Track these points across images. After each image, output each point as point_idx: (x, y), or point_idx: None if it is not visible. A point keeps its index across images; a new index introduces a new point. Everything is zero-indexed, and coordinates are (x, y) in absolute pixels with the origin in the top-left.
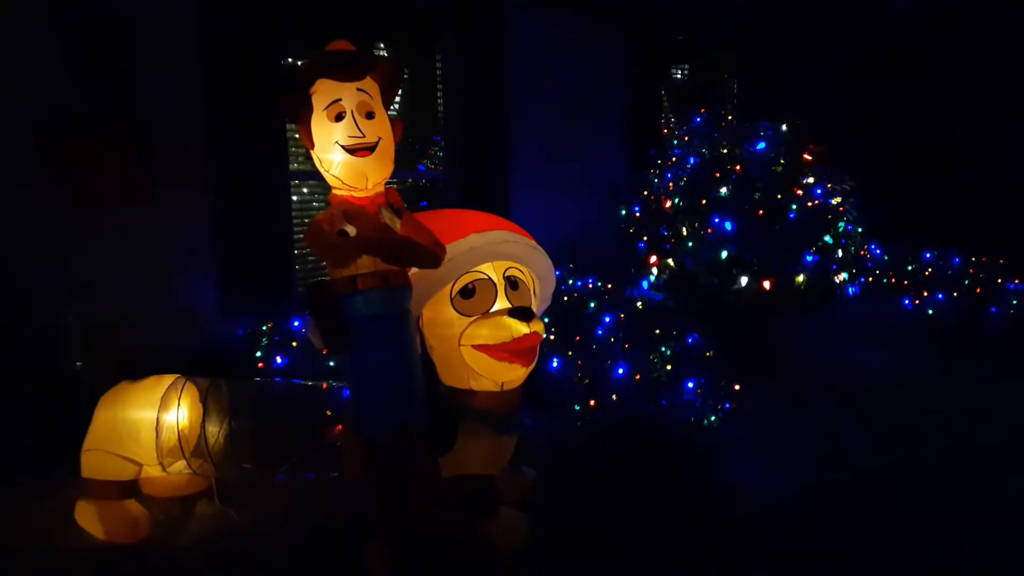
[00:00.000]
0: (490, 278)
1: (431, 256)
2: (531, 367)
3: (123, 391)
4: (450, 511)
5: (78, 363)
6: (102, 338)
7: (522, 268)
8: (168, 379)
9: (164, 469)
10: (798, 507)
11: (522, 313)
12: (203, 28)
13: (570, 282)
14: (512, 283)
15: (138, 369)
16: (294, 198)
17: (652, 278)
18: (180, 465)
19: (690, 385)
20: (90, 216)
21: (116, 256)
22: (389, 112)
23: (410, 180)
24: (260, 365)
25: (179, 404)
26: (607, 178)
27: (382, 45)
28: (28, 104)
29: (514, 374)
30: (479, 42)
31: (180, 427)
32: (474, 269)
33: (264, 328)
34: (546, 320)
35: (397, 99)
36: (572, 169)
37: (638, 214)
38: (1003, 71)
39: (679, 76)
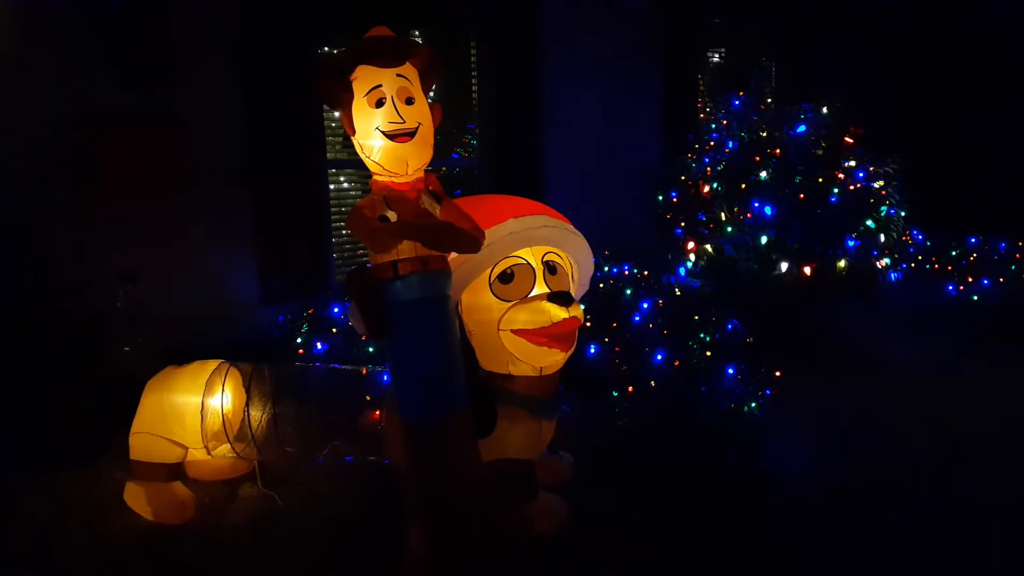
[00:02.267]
0: (528, 263)
1: (471, 241)
2: (570, 352)
3: (169, 376)
4: (489, 495)
5: (126, 348)
6: (148, 325)
7: (560, 253)
8: (212, 364)
9: (209, 452)
10: (840, 496)
11: (561, 298)
12: (240, 17)
13: (606, 269)
14: (551, 268)
15: (183, 355)
16: (331, 187)
17: (690, 264)
18: (224, 448)
19: (730, 371)
20: (131, 206)
21: (159, 245)
22: (428, 98)
23: (444, 168)
24: (300, 351)
25: (223, 389)
26: (643, 164)
27: (417, 33)
28: (70, 96)
29: (553, 359)
30: (513, 29)
31: (224, 411)
32: (513, 254)
33: (304, 314)
34: (583, 307)
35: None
36: (607, 154)
37: (675, 199)
38: None
39: (716, 60)
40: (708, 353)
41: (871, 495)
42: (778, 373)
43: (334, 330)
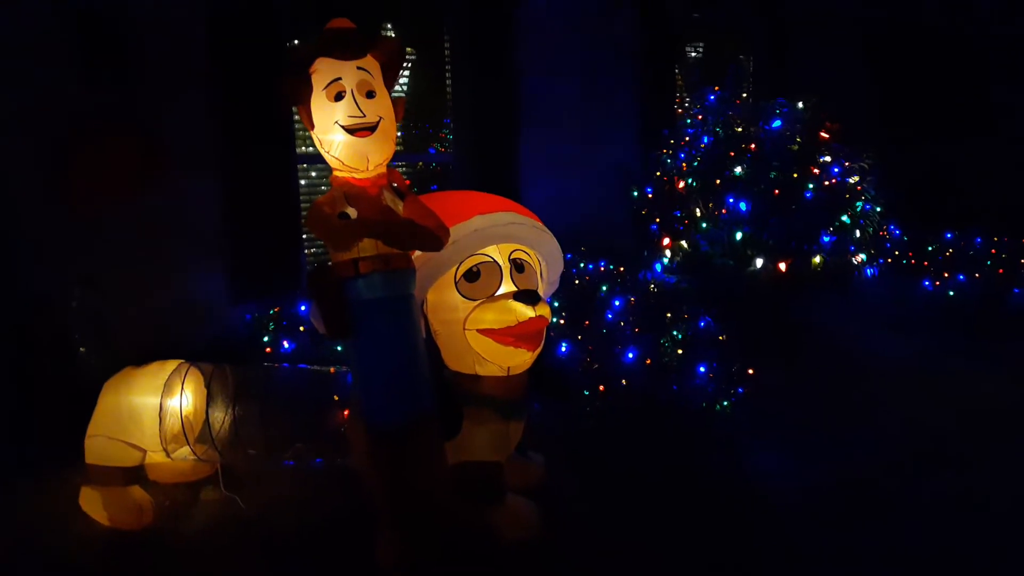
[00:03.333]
0: (495, 261)
1: (433, 239)
2: (537, 352)
3: (126, 377)
4: (456, 499)
5: (81, 349)
6: (110, 326)
7: (528, 251)
8: (172, 364)
9: (168, 455)
10: (812, 497)
11: (527, 296)
12: (207, 13)
13: (581, 265)
14: (518, 266)
15: (146, 357)
16: (302, 182)
17: (666, 260)
18: (184, 451)
19: (701, 370)
20: (97, 207)
21: (122, 245)
22: (394, 92)
23: (420, 163)
24: (268, 350)
25: (183, 389)
26: (620, 160)
27: (389, 25)
28: (28, 97)
29: (520, 359)
30: (488, 21)
31: (184, 413)
32: (479, 252)
33: (271, 313)
34: (555, 304)
35: (404, 80)
36: (584, 150)
37: (651, 195)
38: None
39: (695, 55)
40: (680, 351)
41: (846, 496)
42: (751, 371)
43: (301, 329)
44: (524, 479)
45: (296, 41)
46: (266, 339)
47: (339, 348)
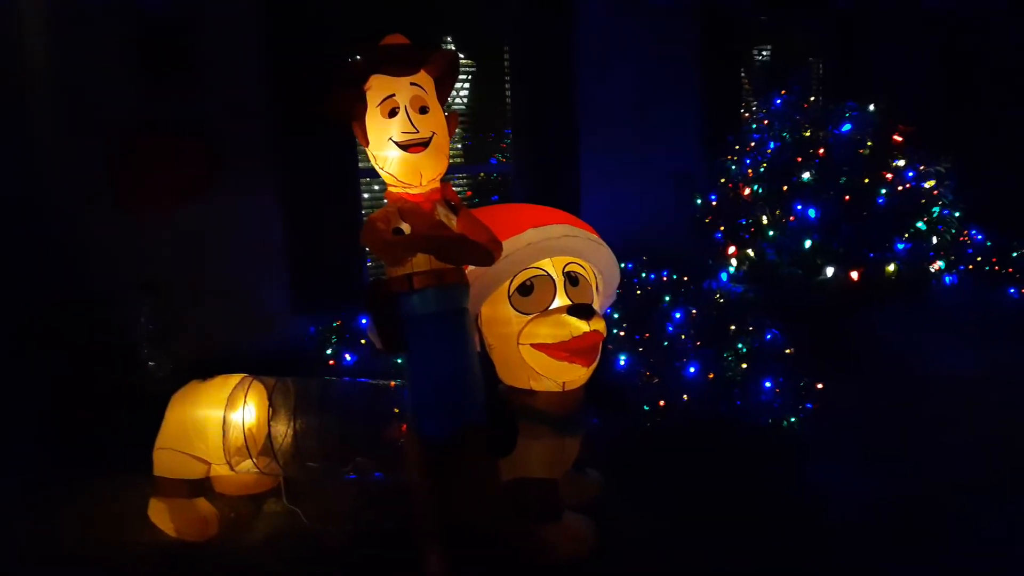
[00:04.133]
0: (549, 274)
1: (485, 253)
2: (592, 367)
3: (192, 390)
4: (511, 516)
5: (151, 363)
6: (174, 338)
7: (583, 263)
8: (235, 378)
9: (232, 468)
10: (884, 519)
11: (582, 310)
12: (267, 24)
13: (643, 275)
14: (572, 279)
15: (210, 368)
16: (364, 195)
17: (731, 269)
18: (247, 464)
19: (767, 384)
20: (159, 216)
21: (186, 255)
22: (450, 104)
23: (482, 174)
24: (331, 363)
25: (245, 403)
26: (682, 166)
27: (449, 39)
28: (96, 105)
29: (574, 374)
30: (547, 30)
31: (247, 426)
32: (532, 265)
33: (334, 325)
34: (615, 316)
35: (465, 92)
36: (645, 157)
37: (715, 203)
38: None
39: (761, 58)
40: (744, 365)
41: (917, 520)
42: (819, 386)
43: (363, 342)
44: (580, 496)
45: (357, 55)
46: (329, 352)
47: (400, 361)
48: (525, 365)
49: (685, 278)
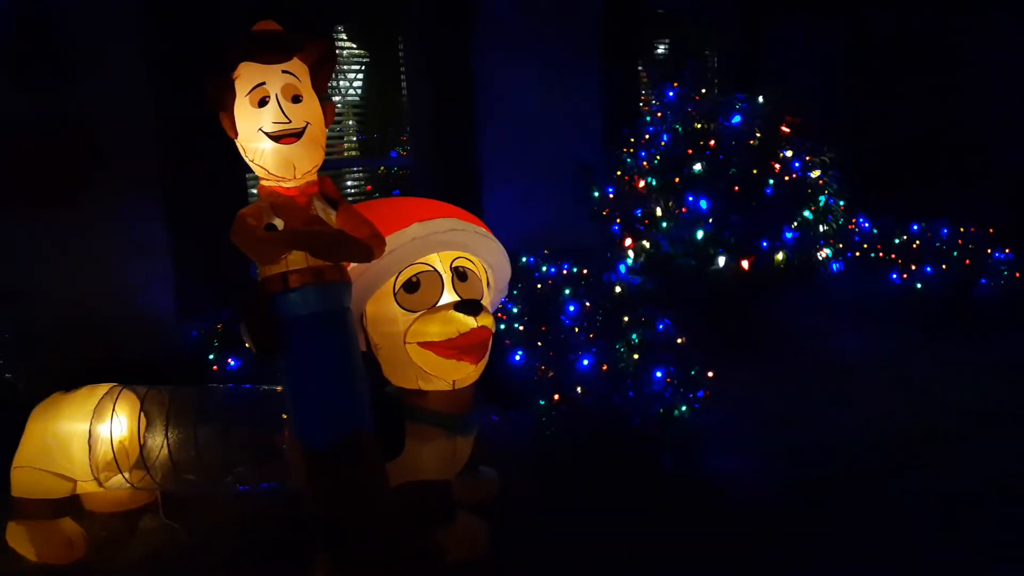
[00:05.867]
0: (436, 270)
1: (364, 249)
2: (482, 364)
3: (54, 403)
4: (402, 520)
5: (7, 375)
6: (42, 348)
7: (472, 258)
8: (103, 388)
9: (101, 484)
10: (779, 500)
11: (469, 306)
12: (147, 17)
13: (544, 269)
14: (460, 274)
15: (87, 379)
16: (252, 191)
17: (630, 261)
18: (118, 480)
19: (658, 375)
20: (32, 218)
21: (64, 259)
22: (324, 95)
23: (382, 168)
24: (215, 368)
25: (114, 414)
26: (583, 159)
27: (341, 28)
28: None
29: (463, 372)
30: (444, 19)
31: (116, 439)
32: (418, 261)
33: (216, 329)
34: (515, 310)
35: (359, 83)
36: (547, 150)
37: (612, 195)
38: (998, 33)
39: (661, 51)
40: (636, 356)
41: (811, 498)
42: (711, 374)
43: (248, 345)
44: (476, 495)
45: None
46: (212, 357)
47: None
48: (413, 364)
49: (585, 271)
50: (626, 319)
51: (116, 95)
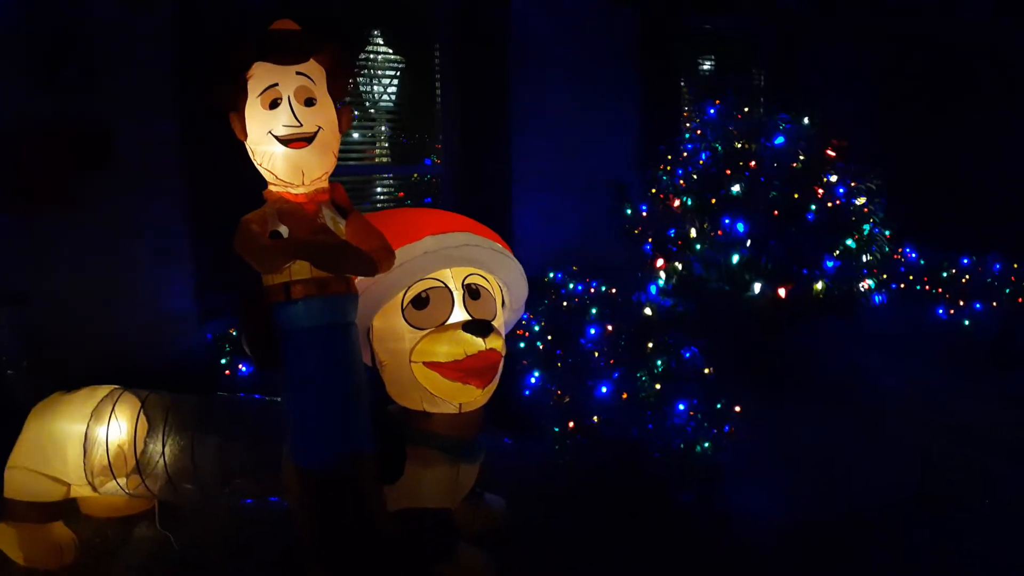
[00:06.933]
0: (447, 286)
1: (368, 262)
2: (490, 388)
3: (53, 403)
4: (398, 550)
5: (8, 371)
6: (56, 349)
7: (486, 275)
8: (103, 390)
9: (95, 489)
10: (805, 545)
11: (478, 327)
12: (174, 18)
13: (571, 286)
14: (473, 292)
15: (98, 381)
16: None
17: (661, 282)
18: (112, 486)
19: (681, 407)
20: (46, 216)
21: (84, 260)
22: (341, 100)
23: (416, 175)
24: (227, 373)
25: (112, 418)
26: (616, 175)
27: (377, 33)
28: None
29: (470, 396)
30: (480, 29)
31: (112, 443)
32: (429, 276)
33: (230, 333)
34: (537, 328)
35: (392, 90)
36: (580, 166)
37: (645, 213)
38: None
39: (705, 68)
40: (658, 386)
41: (838, 543)
42: (738, 408)
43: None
44: (480, 524)
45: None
46: (224, 361)
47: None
48: (418, 385)
49: (613, 290)
50: (651, 345)
51: (139, 96)
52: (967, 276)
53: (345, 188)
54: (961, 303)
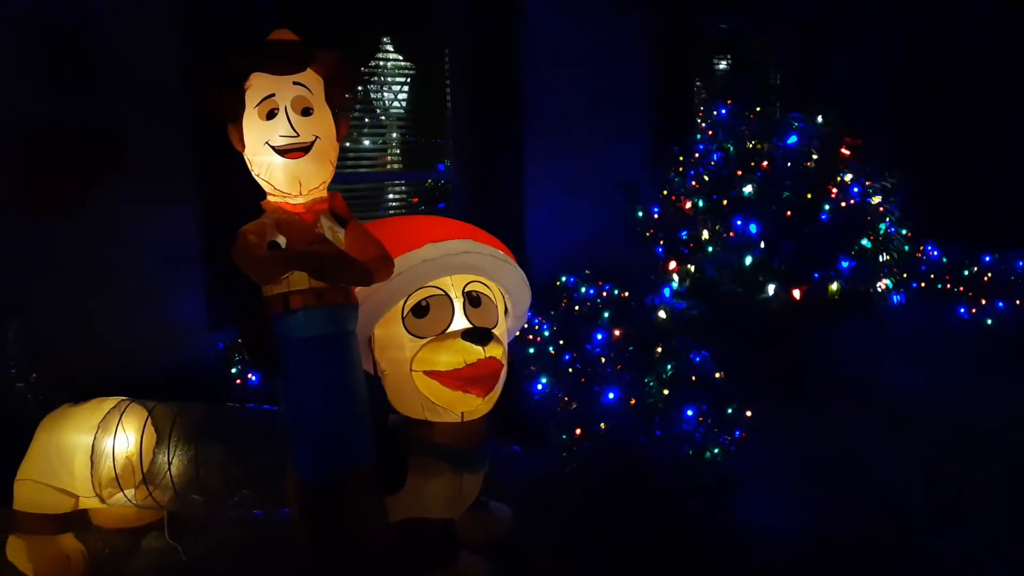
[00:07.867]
0: (447, 294)
1: (365, 272)
2: (492, 397)
3: (61, 415)
4: (400, 561)
5: (18, 384)
6: (58, 358)
7: (487, 283)
8: (111, 401)
9: (103, 501)
10: (817, 555)
11: (477, 335)
12: (181, 22)
13: (583, 290)
14: (473, 300)
15: (107, 391)
16: None
17: (675, 285)
18: (120, 497)
19: (689, 413)
20: (61, 227)
21: (93, 265)
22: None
23: (429, 181)
24: (238, 382)
25: (119, 429)
26: (629, 177)
27: (387, 39)
28: None
29: (471, 405)
30: (490, 33)
31: (120, 455)
32: (429, 284)
33: (239, 342)
34: (547, 332)
35: (404, 95)
36: (592, 168)
37: (657, 215)
38: None
39: (721, 68)
40: (665, 391)
41: (852, 553)
42: (748, 413)
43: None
44: (484, 534)
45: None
46: (234, 371)
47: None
48: (419, 394)
49: (625, 294)
50: (659, 350)
51: (148, 101)
52: (989, 274)
53: (359, 196)
54: (983, 302)
